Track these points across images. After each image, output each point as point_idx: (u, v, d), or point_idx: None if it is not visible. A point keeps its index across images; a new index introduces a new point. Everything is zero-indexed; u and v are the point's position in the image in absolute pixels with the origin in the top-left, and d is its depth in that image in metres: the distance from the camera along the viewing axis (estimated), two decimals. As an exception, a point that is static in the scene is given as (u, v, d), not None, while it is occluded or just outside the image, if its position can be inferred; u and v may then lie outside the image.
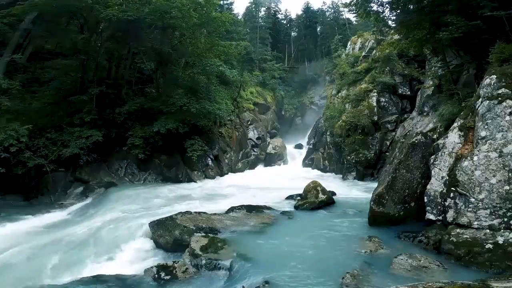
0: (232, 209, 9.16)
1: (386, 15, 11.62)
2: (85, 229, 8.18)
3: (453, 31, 7.91)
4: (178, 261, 5.95)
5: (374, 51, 20.76)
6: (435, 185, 6.46)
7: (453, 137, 6.70)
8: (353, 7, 11.74)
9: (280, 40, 44.13)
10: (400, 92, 17.16)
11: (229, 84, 21.79)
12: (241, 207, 9.25)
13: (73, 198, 11.78)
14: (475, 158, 5.94)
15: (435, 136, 8.11)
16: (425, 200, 6.57)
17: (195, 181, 14.73)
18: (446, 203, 6.15)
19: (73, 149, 11.91)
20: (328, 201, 9.92)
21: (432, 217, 6.37)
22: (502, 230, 5.34)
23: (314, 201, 9.77)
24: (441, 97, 11.25)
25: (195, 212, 8.33)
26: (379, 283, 4.78)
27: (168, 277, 5.52)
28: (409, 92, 16.96)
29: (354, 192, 12.52)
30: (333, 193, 11.14)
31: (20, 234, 8.00)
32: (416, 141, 7.72)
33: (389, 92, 17.12)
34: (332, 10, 44.64)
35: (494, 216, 5.49)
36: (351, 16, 38.08)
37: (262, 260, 5.70)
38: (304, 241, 6.61)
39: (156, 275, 5.57)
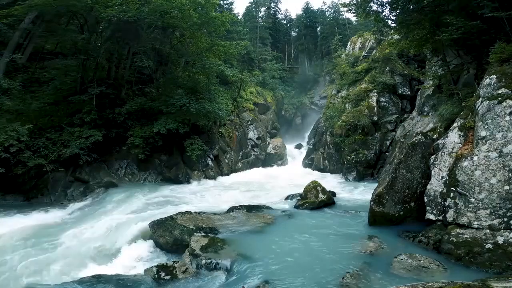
0: (232, 209, 9.17)
1: (385, 15, 11.63)
2: (85, 229, 8.18)
3: (453, 32, 7.92)
4: (178, 261, 5.96)
5: (374, 51, 20.77)
6: (435, 185, 6.46)
7: (453, 137, 6.70)
8: (353, 7, 11.75)
9: (280, 40, 44.15)
10: (400, 92, 17.17)
11: (229, 84, 21.78)
12: (241, 207, 9.27)
13: (73, 198, 11.78)
14: (475, 158, 5.94)
15: (435, 136, 8.12)
16: (425, 200, 6.58)
17: (195, 181, 14.72)
18: (446, 203, 6.16)
19: (73, 149, 11.90)
20: (328, 201, 9.93)
21: (432, 217, 6.38)
22: (502, 230, 5.35)
23: (314, 201, 9.78)
24: (441, 97, 11.25)
25: (195, 212, 8.33)
26: (379, 283, 4.78)
27: (168, 277, 5.52)
28: (409, 92, 16.96)
29: (354, 192, 12.52)
30: (333, 193, 11.15)
31: (19, 234, 7.99)
32: (416, 141, 7.73)
33: (389, 92, 17.12)
34: (332, 10, 44.71)
35: (494, 216, 5.49)
36: (351, 16, 38.20)
37: (262, 260, 5.70)
38: (304, 241, 6.61)
39: (156, 275, 5.57)
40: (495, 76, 6.36)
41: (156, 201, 10.75)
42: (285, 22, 49.12)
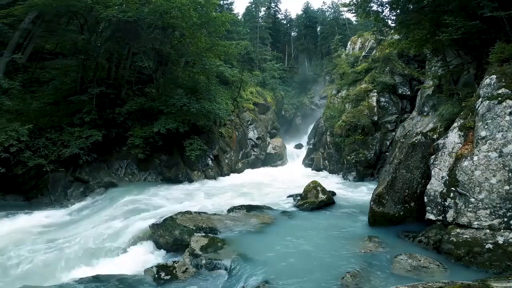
0: (232, 209, 9.17)
1: (385, 15, 11.62)
2: (85, 229, 8.18)
3: (453, 32, 7.92)
4: (178, 261, 5.96)
5: (374, 51, 20.77)
6: (435, 185, 6.46)
7: (453, 137, 6.70)
8: (353, 7, 11.75)
9: (280, 40, 44.16)
10: (400, 92, 17.17)
11: (229, 84, 21.78)
12: (241, 207, 9.27)
13: (73, 198, 11.77)
14: (475, 158, 5.94)
15: (435, 136, 8.12)
16: (425, 200, 6.57)
17: (195, 181, 14.72)
18: (446, 203, 6.16)
19: (73, 149, 11.90)
20: (328, 201, 9.93)
21: (432, 217, 6.38)
22: (502, 230, 5.35)
23: (314, 201, 9.78)
24: (441, 97, 11.26)
25: (195, 212, 8.33)
26: (379, 283, 4.78)
27: (168, 277, 5.52)
28: (409, 92, 16.97)
29: (354, 192, 12.51)
30: (333, 193, 11.15)
31: (20, 234, 7.99)
32: (416, 141, 7.73)
33: (389, 92, 17.12)
34: (332, 10, 44.78)
35: (494, 216, 5.49)
36: (351, 16, 38.22)
37: (262, 260, 5.70)
38: (304, 241, 6.61)
39: (156, 275, 5.57)
40: (495, 76, 6.36)
41: (155, 201, 10.75)
42: (285, 22, 49.12)
